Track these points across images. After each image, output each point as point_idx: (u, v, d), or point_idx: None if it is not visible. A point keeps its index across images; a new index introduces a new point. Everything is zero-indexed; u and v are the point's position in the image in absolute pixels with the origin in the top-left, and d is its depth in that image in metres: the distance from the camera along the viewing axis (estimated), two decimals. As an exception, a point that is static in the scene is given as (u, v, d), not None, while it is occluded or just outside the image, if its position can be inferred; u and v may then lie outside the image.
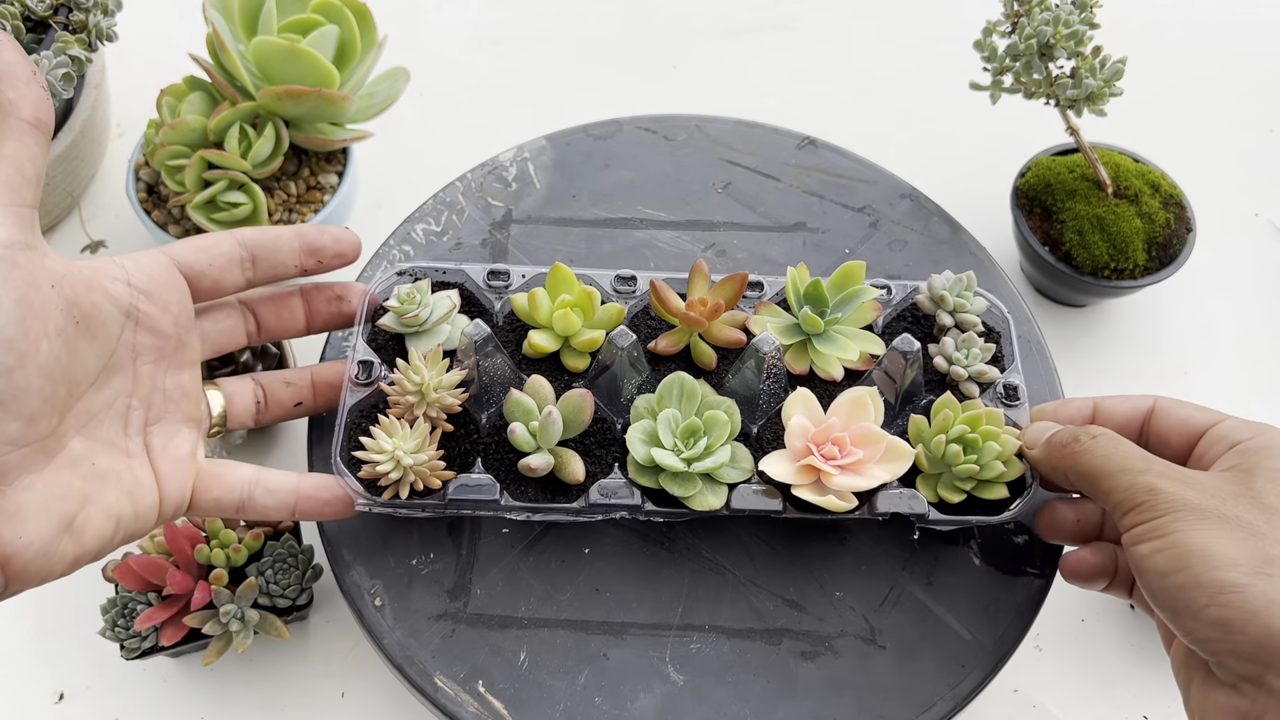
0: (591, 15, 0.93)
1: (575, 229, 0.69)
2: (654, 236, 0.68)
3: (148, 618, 0.55)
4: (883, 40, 0.92)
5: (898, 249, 0.68)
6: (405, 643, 0.54)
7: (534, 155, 0.72)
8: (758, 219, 0.69)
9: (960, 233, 0.69)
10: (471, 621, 0.55)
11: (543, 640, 0.55)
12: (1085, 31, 0.63)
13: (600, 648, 0.55)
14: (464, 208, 0.69)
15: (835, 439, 0.53)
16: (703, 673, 0.54)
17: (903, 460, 0.53)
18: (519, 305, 0.59)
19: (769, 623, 0.56)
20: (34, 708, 0.61)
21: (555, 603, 0.56)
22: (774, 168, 0.72)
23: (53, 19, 0.68)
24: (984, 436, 0.53)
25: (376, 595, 0.56)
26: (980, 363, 0.58)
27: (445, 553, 0.57)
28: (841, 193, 0.70)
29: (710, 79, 0.89)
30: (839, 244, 0.68)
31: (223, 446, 0.66)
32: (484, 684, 0.54)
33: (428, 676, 0.54)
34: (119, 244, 0.77)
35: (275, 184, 0.72)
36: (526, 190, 0.70)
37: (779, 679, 0.54)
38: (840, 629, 0.56)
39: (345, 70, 0.70)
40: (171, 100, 0.70)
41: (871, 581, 0.57)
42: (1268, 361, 0.74)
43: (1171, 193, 0.71)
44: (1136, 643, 0.63)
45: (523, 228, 0.69)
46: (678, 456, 0.53)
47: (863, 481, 0.52)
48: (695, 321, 0.57)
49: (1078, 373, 0.73)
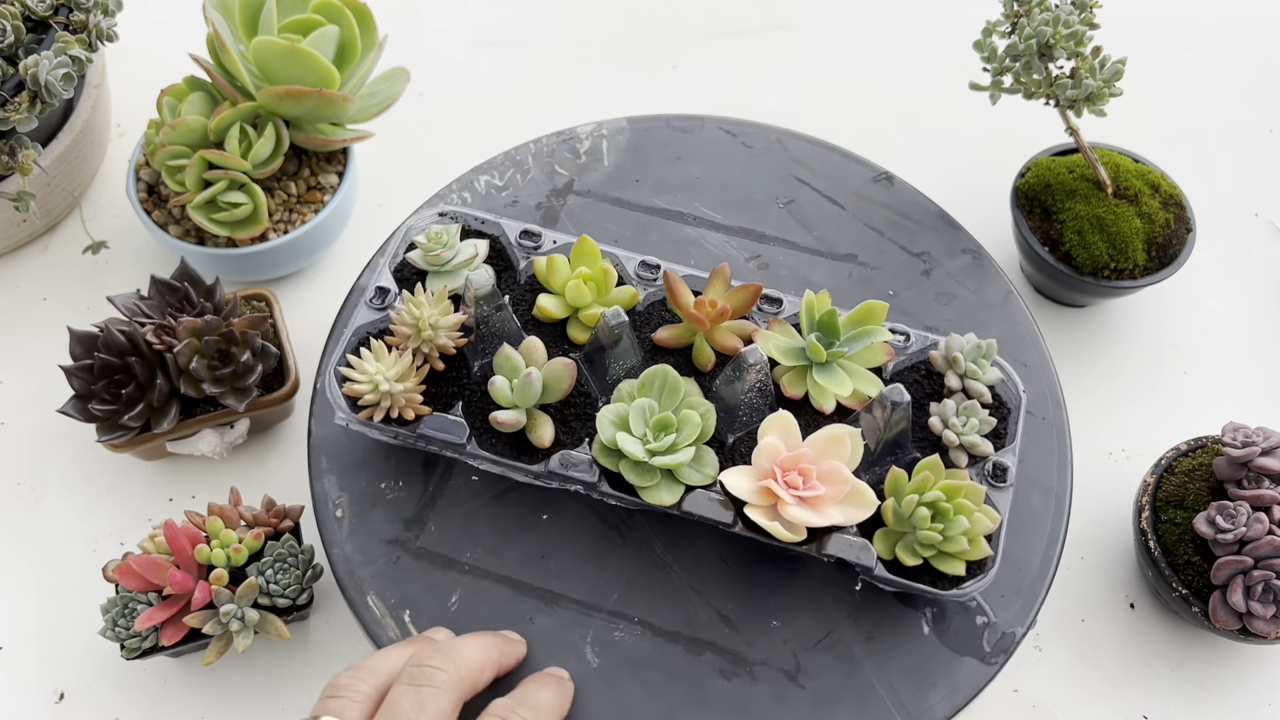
0: (591, 15, 0.93)
1: (630, 212, 0.69)
2: (703, 236, 0.69)
3: (148, 618, 0.55)
4: (883, 40, 0.92)
5: (944, 302, 0.67)
6: (351, 557, 0.57)
7: (611, 134, 0.73)
8: (811, 241, 0.69)
9: (1012, 299, 0.67)
10: (417, 554, 0.57)
11: (478, 589, 0.56)
12: (1085, 31, 0.63)
13: (529, 611, 0.56)
14: (530, 169, 0.71)
15: (802, 469, 0.52)
16: (619, 662, 0.55)
17: (863, 508, 0.53)
18: (538, 267, 0.60)
19: (698, 632, 0.56)
20: (34, 708, 0.61)
21: (500, 557, 0.57)
22: (842, 194, 0.71)
23: (53, 19, 0.68)
24: (956, 509, 0.52)
25: (340, 507, 0.59)
26: (976, 434, 0.56)
27: (413, 485, 0.59)
28: (903, 234, 0.70)
29: (710, 79, 0.89)
30: (885, 283, 0.67)
31: (223, 446, 0.66)
32: (410, 614, 0.56)
33: (361, 593, 0.56)
34: (119, 244, 0.77)
35: (275, 184, 0.72)
36: (594, 165, 0.71)
37: (690, 688, 0.54)
38: (766, 658, 0.55)
39: (345, 70, 0.70)
40: (172, 100, 0.70)
41: (812, 620, 0.56)
42: (1268, 361, 0.75)
43: (1171, 193, 0.71)
44: (1136, 643, 0.63)
45: (580, 200, 0.70)
46: (642, 446, 0.53)
47: (816, 518, 0.52)
48: (698, 320, 0.57)
49: (1078, 373, 0.73)
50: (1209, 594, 0.58)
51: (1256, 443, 0.58)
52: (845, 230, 0.70)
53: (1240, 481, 0.58)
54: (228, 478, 0.68)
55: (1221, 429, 0.61)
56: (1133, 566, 0.66)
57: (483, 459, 0.56)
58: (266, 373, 0.64)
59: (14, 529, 0.67)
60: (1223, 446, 0.60)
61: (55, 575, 0.65)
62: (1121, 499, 0.68)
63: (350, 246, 0.78)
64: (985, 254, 0.69)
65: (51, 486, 0.68)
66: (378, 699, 0.47)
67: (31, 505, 0.67)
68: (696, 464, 0.55)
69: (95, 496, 0.68)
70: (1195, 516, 0.59)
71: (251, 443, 0.69)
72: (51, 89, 0.64)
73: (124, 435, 0.61)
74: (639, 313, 0.61)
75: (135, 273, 0.77)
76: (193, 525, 0.58)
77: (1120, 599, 0.65)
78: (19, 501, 0.68)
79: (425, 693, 0.46)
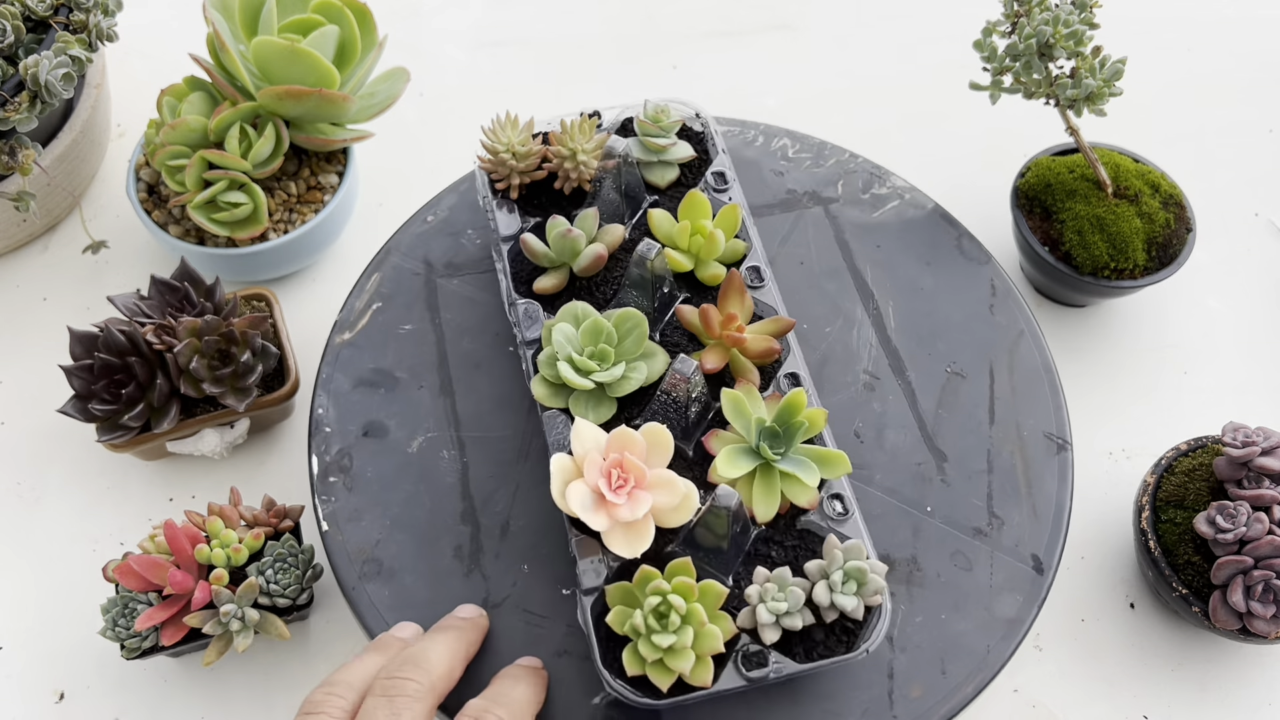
0: (591, 15, 0.93)
1: None
2: None
3: (148, 618, 0.55)
4: (883, 40, 0.92)
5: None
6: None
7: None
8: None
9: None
10: None
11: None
12: (1085, 31, 0.63)
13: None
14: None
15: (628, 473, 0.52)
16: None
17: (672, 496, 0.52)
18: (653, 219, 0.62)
19: (482, 515, 0.60)
20: (34, 708, 0.61)
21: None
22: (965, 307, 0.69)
23: (53, 19, 0.68)
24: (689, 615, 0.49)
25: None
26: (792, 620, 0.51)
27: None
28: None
29: (710, 79, 0.89)
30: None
31: (223, 446, 0.66)
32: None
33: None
34: (120, 244, 0.77)
35: (275, 184, 0.72)
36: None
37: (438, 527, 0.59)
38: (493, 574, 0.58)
39: (345, 70, 0.70)
40: (172, 100, 0.70)
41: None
42: (1268, 361, 0.74)
43: (1171, 193, 0.71)
44: (1136, 643, 0.63)
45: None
46: (572, 350, 0.56)
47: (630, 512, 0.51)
48: (734, 341, 0.57)
49: (1078, 373, 0.73)
50: (1209, 594, 0.58)
51: (1256, 443, 0.58)
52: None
53: (1240, 481, 0.58)
54: (228, 478, 0.68)
55: (1221, 429, 0.61)
56: (1133, 566, 0.66)
57: (501, 261, 0.63)
58: (266, 373, 0.64)
59: (14, 529, 0.67)
60: (1223, 446, 0.60)
61: (55, 575, 0.65)
62: (1121, 499, 0.68)
63: (350, 246, 0.78)
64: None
65: (51, 486, 0.68)
66: (353, 713, 0.48)
67: (31, 505, 0.67)
68: (595, 402, 0.56)
69: (95, 496, 0.67)
70: (1195, 516, 0.59)
71: (251, 443, 0.69)
72: (51, 89, 0.64)
73: (124, 435, 0.61)
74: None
75: (135, 273, 0.77)
76: (193, 525, 0.58)
77: (1120, 599, 0.65)
78: (19, 501, 0.68)
79: (399, 703, 0.47)
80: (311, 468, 0.61)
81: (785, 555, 0.54)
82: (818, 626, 0.51)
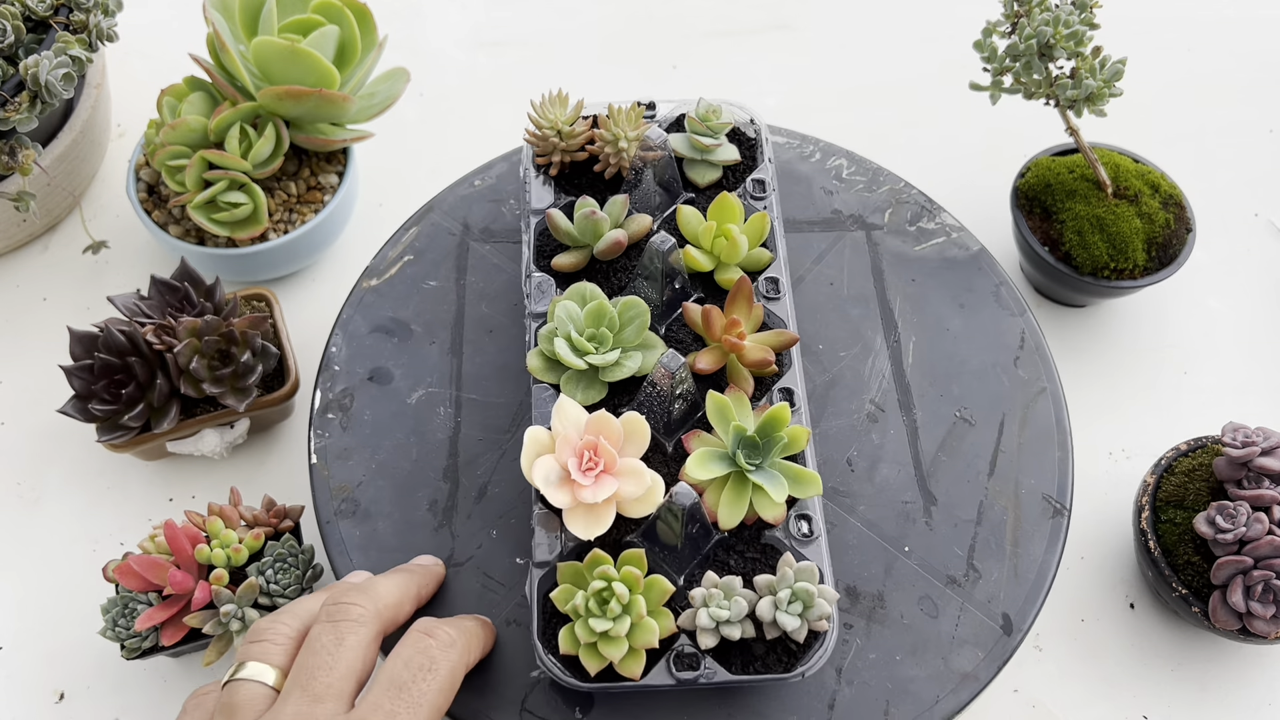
0: (591, 15, 0.93)
1: None
2: None
3: (148, 618, 0.55)
4: (883, 40, 0.92)
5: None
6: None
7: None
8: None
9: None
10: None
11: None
12: (1085, 32, 0.63)
13: None
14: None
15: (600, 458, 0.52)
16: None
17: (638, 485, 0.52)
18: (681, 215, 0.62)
19: (468, 472, 0.61)
20: (34, 708, 0.61)
21: None
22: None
23: (53, 19, 0.68)
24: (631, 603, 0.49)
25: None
26: (733, 627, 0.50)
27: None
28: None
29: (710, 79, 0.89)
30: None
31: (223, 446, 0.66)
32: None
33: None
34: (120, 244, 0.77)
35: (275, 184, 0.72)
36: None
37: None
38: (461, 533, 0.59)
39: (345, 70, 0.70)
40: (172, 100, 0.70)
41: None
42: (1268, 361, 0.75)
43: (1171, 193, 0.71)
44: (1136, 643, 0.63)
45: None
46: (572, 330, 0.56)
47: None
48: (733, 346, 0.57)
49: (1078, 373, 0.73)
50: (1209, 594, 0.58)
51: (1256, 443, 0.58)
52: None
53: (1240, 481, 0.58)
54: (228, 478, 0.68)
55: (1221, 429, 0.61)
56: (1133, 566, 0.66)
57: (545, 207, 0.63)
58: (266, 373, 0.64)
59: (14, 529, 0.67)
60: (1223, 446, 0.60)
61: (55, 575, 0.65)
62: (1121, 499, 0.68)
63: (350, 246, 0.78)
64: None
65: (51, 486, 0.68)
66: (299, 640, 0.48)
67: (31, 505, 0.67)
68: (587, 382, 0.57)
69: (95, 496, 0.68)
70: (1195, 516, 0.59)
71: (251, 443, 0.69)
72: (51, 89, 0.64)
73: (124, 435, 0.61)
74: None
75: (135, 273, 0.77)
76: (193, 525, 0.58)
77: (1120, 599, 0.65)
78: (19, 501, 0.68)
79: (343, 626, 0.47)
80: (314, 401, 0.63)
81: (744, 566, 0.53)
82: (759, 641, 0.51)
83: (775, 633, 0.50)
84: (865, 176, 0.73)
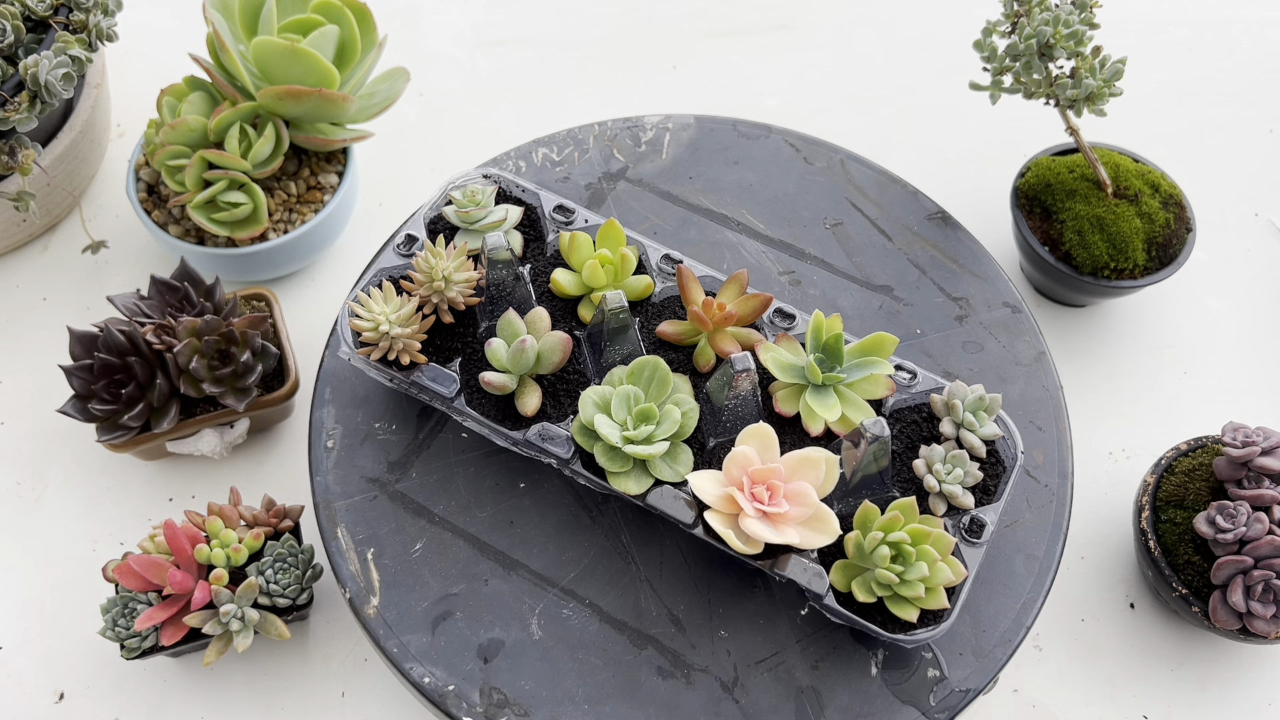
0: (592, 15, 0.93)
1: (674, 207, 0.70)
2: (742, 242, 0.68)
3: (148, 618, 0.55)
4: (883, 40, 0.92)
5: (972, 350, 0.65)
6: (331, 487, 0.59)
7: (676, 129, 0.73)
8: (849, 266, 0.67)
9: (1043, 361, 0.64)
10: (394, 497, 0.59)
11: (442, 542, 0.58)
12: (1085, 31, 0.63)
13: (486, 572, 0.57)
14: (590, 149, 0.71)
15: (771, 485, 0.52)
16: (560, 639, 0.55)
17: (824, 535, 0.52)
18: (562, 241, 0.61)
19: (645, 626, 0.56)
20: (34, 708, 0.61)
21: (470, 515, 0.59)
22: (892, 226, 0.69)
23: (53, 19, 0.68)
24: (920, 554, 0.51)
25: (331, 438, 0.60)
26: (959, 485, 0.54)
27: (406, 431, 0.61)
28: (945, 276, 0.67)
29: (710, 79, 0.89)
30: (915, 321, 0.66)
31: (223, 446, 0.66)
32: (374, 553, 0.57)
33: (333, 524, 0.58)
34: (119, 244, 0.77)
35: (275, 184, 0.72)
36: (651, 156, 0.72)
37: (624, 679, 0.54)
38: (707, 665, 0.55)
39: (345, 70, 0.70)
40: (172, 100, 0.70)
41: (761, 638, 0.55)
42: (1268, 361, 0.75)
43: (1171, 193, 0.71)
44: (1136, 643, 0.63)
45: (630, 187, 0.70)
46: (619, 432, 0.53)
47: (774, 535, 0.51)
48: (701, 320, 0.57)
49: (1078, 373, 0.73)
50: (1209, 594, 0.58)
51: (1256, 443, 0.58)
52: (887, 262, 0.68)
53: (1240, 481, 0.58)
54: (228, 478, 0.68)
55: (1221, 429, 0.61)
56: (1133, 566, 0.66)
57: (468, 416, 0.57)
58: (266, 372, 0.64)
59: (14, 529, 0.67)
60: (1223, 446, 0.60)
61: (55, 575, 0.65)
62: (1121, 499, 0.68)
63: (350, 246, 0.78)
64: (1026, 310, 0.66)
65: (51, 486, 0.68)
66: None
67: (31, 505, 0.67)
68: (670, 459, 0.55)
69: (95, 496, 0.68)
70: (1195, 516, 0.59)
71: (251, 443, 0.69)
72: (51, 89, 0.64)
73: (124, 435, 0.61)
74: (653, 304, 0.61)
75: (135, 273, 0.77)
76: (193, 525, 0.58)
77: (1120, 599, 0.65)
78: (19, 501, 0.68)
79: None
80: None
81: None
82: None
83: (982, 449, 0.56)
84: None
